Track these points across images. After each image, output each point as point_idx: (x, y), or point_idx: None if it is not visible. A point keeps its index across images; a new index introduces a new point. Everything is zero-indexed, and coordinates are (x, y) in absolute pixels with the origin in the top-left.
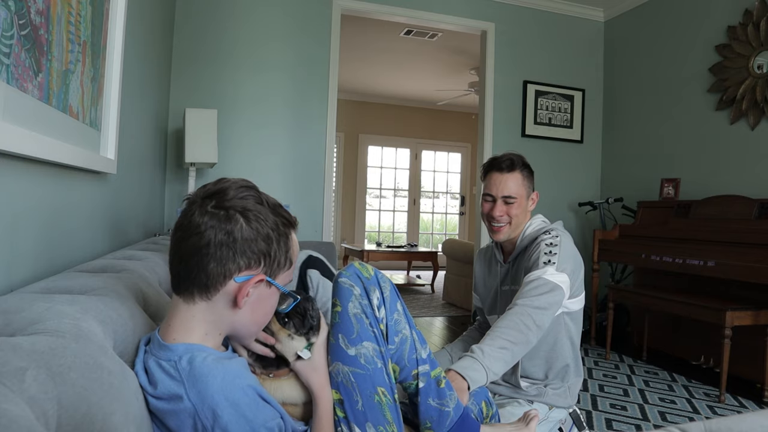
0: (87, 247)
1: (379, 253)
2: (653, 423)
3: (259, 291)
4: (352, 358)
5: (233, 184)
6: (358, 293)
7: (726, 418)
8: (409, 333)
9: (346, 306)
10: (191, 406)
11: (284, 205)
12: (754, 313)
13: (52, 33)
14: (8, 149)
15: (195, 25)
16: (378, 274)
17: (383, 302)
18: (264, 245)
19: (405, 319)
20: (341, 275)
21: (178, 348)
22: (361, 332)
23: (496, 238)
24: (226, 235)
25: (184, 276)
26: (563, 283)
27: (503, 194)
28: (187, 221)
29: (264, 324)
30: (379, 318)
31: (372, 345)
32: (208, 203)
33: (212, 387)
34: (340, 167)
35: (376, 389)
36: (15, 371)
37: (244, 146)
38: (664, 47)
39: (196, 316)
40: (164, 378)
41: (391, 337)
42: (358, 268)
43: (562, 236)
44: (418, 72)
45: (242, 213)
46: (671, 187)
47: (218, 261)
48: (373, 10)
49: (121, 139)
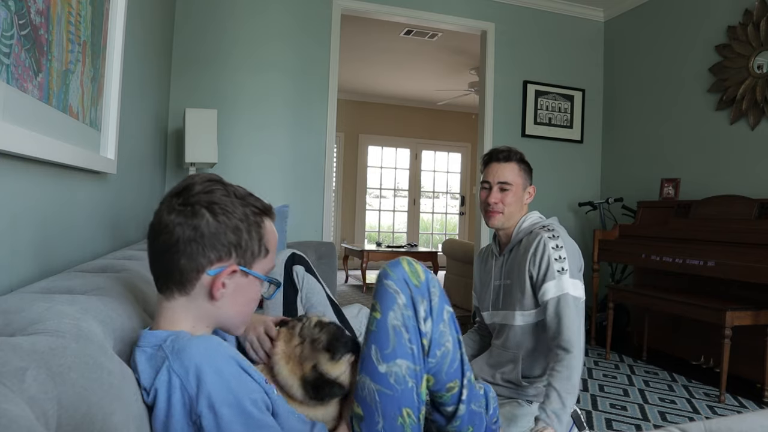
0: (87, 247)
1: (379, 253)
2: (653, 423)
3: (235, 281)
4: (382, 376)
5: (199, 179)
6: (402, 302)
7: (726, 418)
8: (452, 345)
9: (386, 315)
10: (177, 378)
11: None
12: (754, 313)
13: (52, 33)
14: (8, 149)
15: (195, 25)
16: (429, 279)
17: (430, 313)
18: (233, 236)
19: (450, 329)
20: (387, 275)
21: (162, 333)
22: (397, 348)
23: (490, 224)
24: (193, 231)
25: (160, 274)
26: (580, 289)
27: (499, 180)
28: (157, 221)
29: (248, 313)
30: (423, 332)
31: (406, 363)
32: (175, 201)
33: (196, 354)
34: (340, 167)
35: (401, 410)
36: (15, 371)
37: (244, 146)
38: (664, 47)
39: (179, 311)
40: (147, 361)
41: (433, 350)
42: (407, 271)
43: (561, 234)
44: (418, 72)
45: (208, 207)
46: (671, 187)
47: (188, 257)
48: (373, 10)
49: (121, 139)
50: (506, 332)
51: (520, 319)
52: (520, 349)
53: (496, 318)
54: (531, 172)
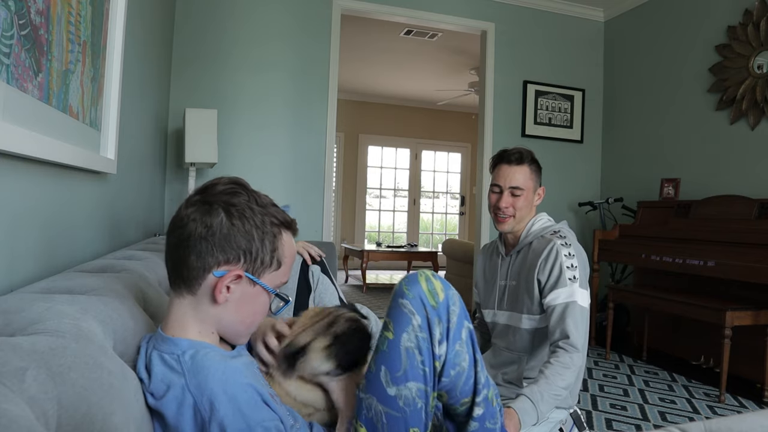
0: (87, 247)
1: (379, 253)
2: (653, 423)
3: (242, 289)
4: (391, 399)
5: (225, 179)
6: (417, 324)
7: (726, 418)
8: (468, 364)
9: (399, 336)
10: (191, 397)
11: (284, 206)
12: (754, 313)
13: (52, 33)
14: (8, 149)
15: (195, 25)
16: (449, 298)
17: (447, 335)
18: (244, 242)
19: (467, 348)
20: (403, 294)
21: (182, 342)
22: (409, 370)
23: (500, 229)
24: (205, 228)
25: (172, 269)
26: (588, 299)
27: (511, 185)
28: (177, 213)
29: (253, 325)
30: (436, 355)
31: (417, 385)
32: (196, 197)
33: (212, 380)
34: (340, 167)
35: (408, 431)
36: (15, 371)
37: (244, 146)
38: (664, 47)
39: (187, 313)
40: (164, 369)
41: (447, 370)
42: (424, 290)
43: (572, 242)
44: (418, 72)
45: (225, 208)
46: (671, 187)
47: (198, 254)
48: (373, 10)
49: (121, 139)
50: (512, 333)
51: (527, 323)
52: (525, 351)
53: (500, 318)
54: (540, 172)
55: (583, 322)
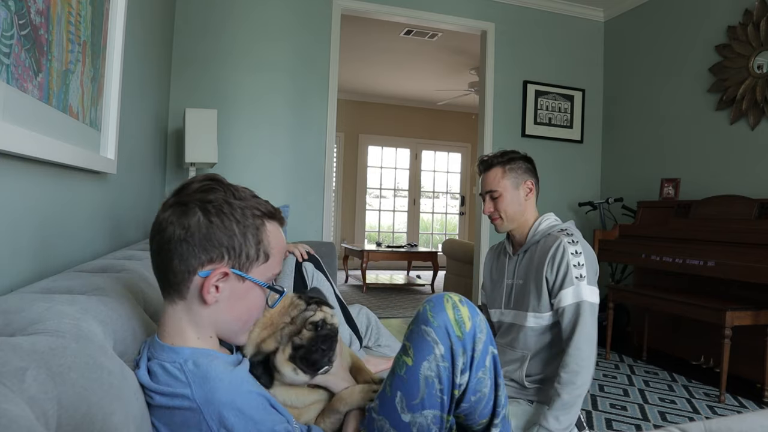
0: (87, 247)
1: (379, 253)
2: (653, 423)
3: (231, 286)
4: (404, 425)
5: (199, 177)
6: (440, 354)
7: (726, 418)
8: (489, 389)
9: (419, 364)
10: (197, 407)
11: (283, 207)
12: (754, 313)
13: (52, 33)
14: (8, 149)
15: (195, 25)
16: (476, 326)
17: (470, 364)
18: (225, 238)
19: (489, 374)
20: (427, 321)
21: (183, 351)
22: (426, 399)
23: (497, 231)
24: (184, 230)
25: (159, 275)
26: (596, 295)
27: (485, 190)
28: (156, 219)
29: (249, 321)
30: (457, 384)
31: (433, 413)
32: (172, 199)
33: (219, 390)
34: (340, 167)
35: None
36: (15, 371)
37: (244, 146)
38: (664, 47)
39: (182, 318)
40: (168, 379)
41: (467, 396)
42: (451, 321)
43: (580, 241)
44: (418, 72)
45: (201, 206)
46: (671, 187)
47: (180, 257)
48: (373, 10)
49: (121, 139)
50: (516, 332)
51: (532, 321)
52: (529, 350)
53: (505, 317)
54: (523, 167)
55: (594, 323)
